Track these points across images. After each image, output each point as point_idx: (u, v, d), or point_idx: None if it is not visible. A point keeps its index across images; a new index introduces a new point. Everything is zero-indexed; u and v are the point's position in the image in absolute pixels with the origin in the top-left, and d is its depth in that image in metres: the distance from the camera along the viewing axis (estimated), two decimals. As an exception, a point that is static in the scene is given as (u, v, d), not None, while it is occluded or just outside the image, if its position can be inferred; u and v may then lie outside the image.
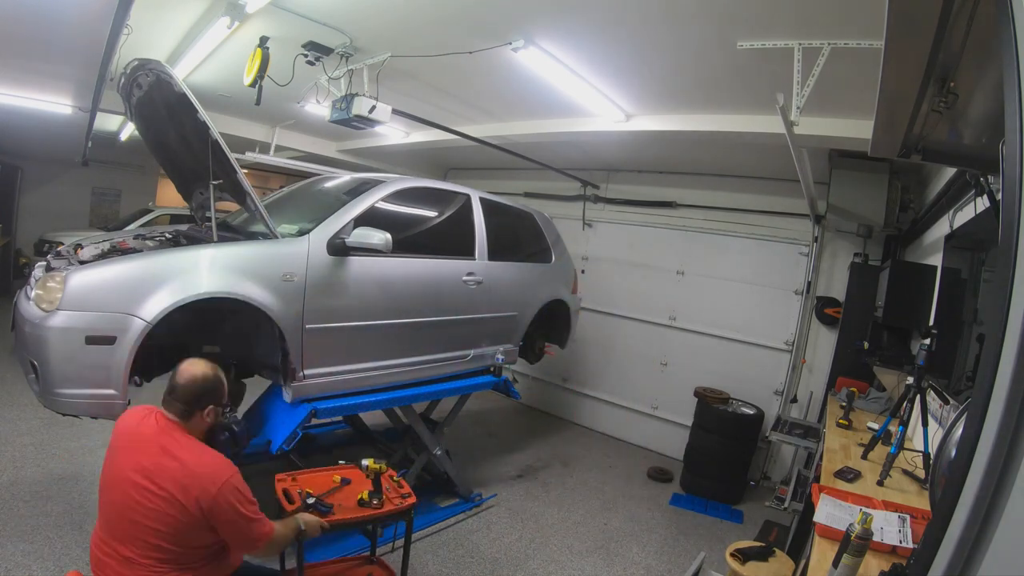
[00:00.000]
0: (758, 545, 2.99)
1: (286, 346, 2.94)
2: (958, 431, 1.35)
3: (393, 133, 6.38)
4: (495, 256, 4.21)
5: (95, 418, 2.60)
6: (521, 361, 5.08)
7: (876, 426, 3.10)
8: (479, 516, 4.18)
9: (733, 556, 2.87)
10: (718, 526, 4.63)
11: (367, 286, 3.31)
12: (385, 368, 3.49)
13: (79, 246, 3.25)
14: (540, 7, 2.98)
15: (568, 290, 5.24)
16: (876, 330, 4.45)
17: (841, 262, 5.33)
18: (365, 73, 3.91)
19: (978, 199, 2.54)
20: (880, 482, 2.49)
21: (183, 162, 3.49)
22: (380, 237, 3.08)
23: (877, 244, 5.08)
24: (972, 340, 2.86)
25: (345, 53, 3.77)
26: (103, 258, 2.74)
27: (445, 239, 4.07)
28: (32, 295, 2.47)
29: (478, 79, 4.17)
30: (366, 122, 3.94)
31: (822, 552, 1.84)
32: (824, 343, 5.35)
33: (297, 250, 2.97)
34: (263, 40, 3.56)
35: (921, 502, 2.27)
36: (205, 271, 2.62)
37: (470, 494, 4.31)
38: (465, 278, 3.95)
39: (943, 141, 1.91)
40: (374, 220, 3.28)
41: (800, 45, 2.77)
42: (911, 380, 2.69)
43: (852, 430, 3.41)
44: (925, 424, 2.56)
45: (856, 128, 3.36)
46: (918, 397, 2.62)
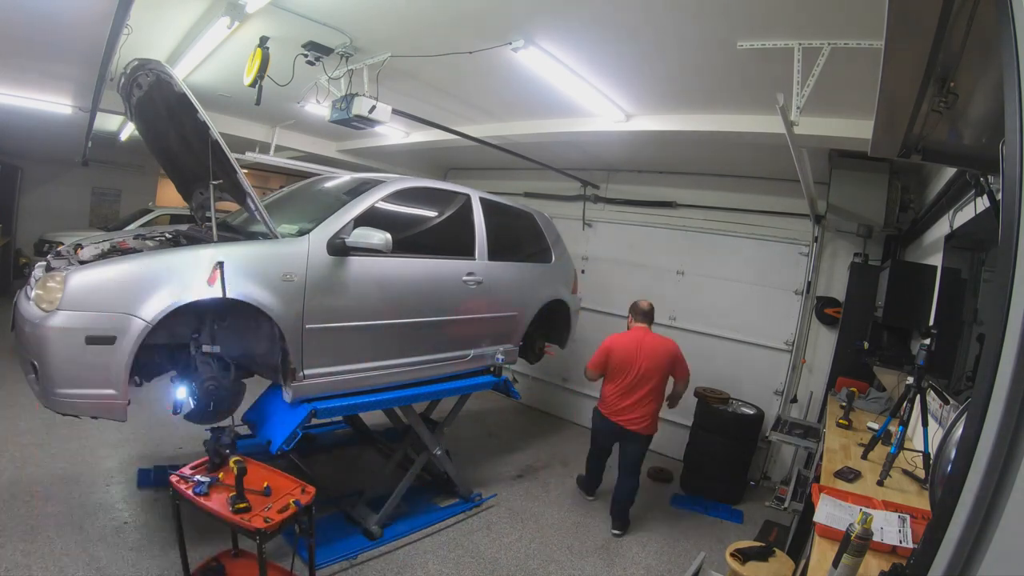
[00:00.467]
0: (758, 545, 2.99)
1: (286, 346, 2.94)
2: (958, 431, 1.35)
3: (393, 133, 6.38)
4: (495, 256, 4.21)
5: (95, 418, 2.60)
6: (521, 361, 5.08)
7: (876, 426, 3.10)
8: (479, 516, 4.18)
9: (733, 556, 2.87)
10: (718, 526, 4.63)
11: (367, 286, 3.30)
12: (385, 368, 3.49)
13: (79, 246, 3.24)
14: (540, 7, 2.97)
15: (568, 290, 5.24)
16: (876, 330, 4.45)
17: (841, 262, 5.33)
18: (365, 73, 3.91)
19: (978, 199, 2.54)
20: (880, 482, 2.49)
21: (183, 162, 3.48)
22: (380, 237, 3.07)
23: (877, 244, 5.08)
24: (972, 340, 2.86)
25: (345, 53, 3.77)
26: (103, 258, 2.74)
27: (445, 239, 4.06)
28: (32, 295, 2.47)
29: (478, 79, 4.16)
30: (366, 122, 3.94)
31: (822, 552, 1.84)
32: (824, 343, 5.34)
33: (297, 250, 2.96)
34: (263, 40, 3.56)
35: (921, 502, 2.27)
36: (205, 271, 2.62)
37: (470, 494, 4.31)
38: (465, 278, 3.94)
39: (943, 141, 1.91)
40: (374, 220, 3.28)
41: (800, 45, 2.77)
42: (911, 380, 2.69)
43: (852, 430, 3.41)
44: (925, 424, 2.57)
45: (856, 128, 3.36)
46: (918, 397, 2.62)
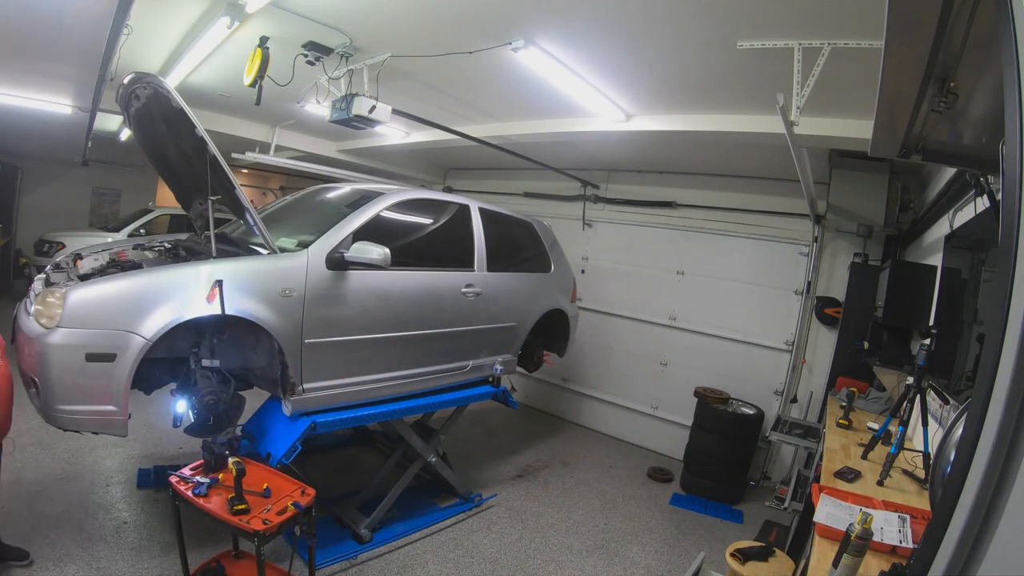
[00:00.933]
0: (758, 545, 2.99)
1: (285, 360, 2.94)
2: (958, 431, 1.35)
3: (393, 133, 6.38)
4: (494, 267, 4.21)
5: (96, 434, 2.61)
6: (519, 368, 5.08)
7: (876, 426, 3.10)
8: (479, 516, 4.18)
9: (733, 556, 2.87)
10: (718, 526, 4.63)
11: (366, 300, 3.30)
12: (384, 381, 3.49)
13: (78, 256, 3.24)
14: (540, 7, 2.97)
15: (567, 299, 5.24)
16: (876, 330, 4.45)
17: (841, 262, 5.33)
18: (365, 73, 3.91)
19: (978, 199, 2.54)
20: (880, 482, 2.48)
21: (182, 173, 3.49)
22: (379, 252, 3.07)
23: (877, 244, 5.08)
24: (972, 340, 2.86)
25: (345, 53, 3.77)
26: (102, 271, 2.74)
27: (444, 251, 4.06)
28: (32, 310, 2.47)
29: (478, 79, 4.16)
30: (366, 122, 3.94)
31: (822, 552, 1.84)
32: (824, 343, 5.34)
33: (296, 265, 2.96)
34: (263, 40, 3.56)
35: (921, 502, 2.27)
36: (204, 289, 2.62)
37: (470, 494, 4.31)
38: (464, 290, 3.94)
39: (943, 141, 1.91)
40: (373, 233, 3.28)
41: (800, 45, 2.77)
42: (911, 380, 2.69)
43: (852, 430, 3.41)
44: (925, 424, 2.56)
45: (856, 128, 3.36)
46: (918, 397, 2.62)
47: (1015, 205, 0.90)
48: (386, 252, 3.08)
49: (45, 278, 2.83)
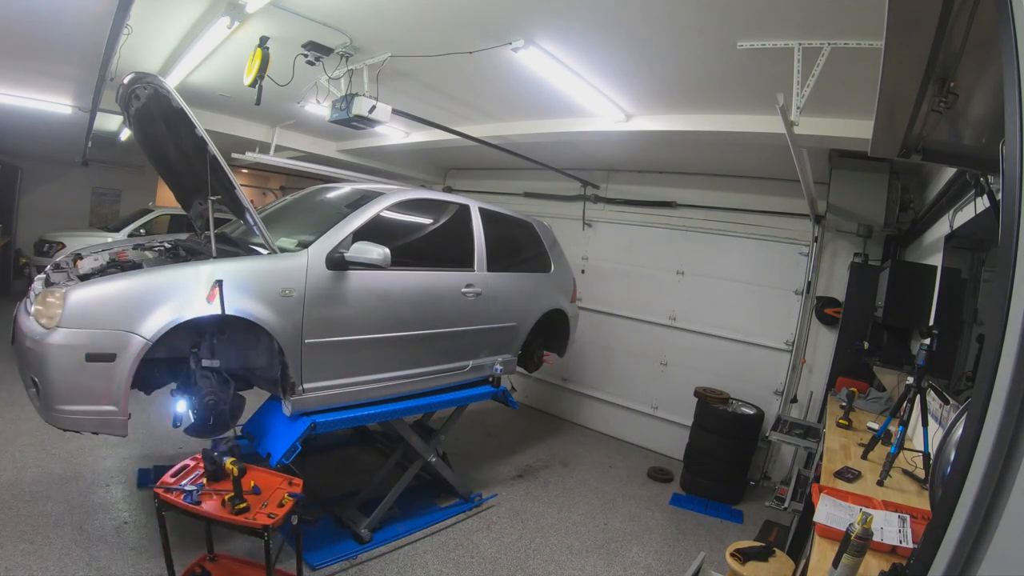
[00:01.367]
0: (758, 545, 2.99)
1: (285, 360, 2.94)
2: (958, 431, 1.35)
3: (393, 133, 6.38)
4: (494, 267, 4.21)
5: (96, 434, 2.61)
6: (519, 368, 5.08)
7: (876, 426, 3.10)
8: (479, 516, 4.18)
9: (733, 556, 2.87)
10: (718, 526, 4.63)
11: (366, 300, 3.30)
12: (384, 381, 3.49)
13: (78, 256, 3.24)
14: (540, 7, 2.97)
15: (567, 299, 5.24)
16: (876, 330, 4.45)
17: (841, 262, 5.33)
18: (365, 73, 3.91)
19: (978, 199, 2.54)
20: (880, 482, 2.48)
21: (182, 172, 3.48)
22: (379, 252, 3.07)
23: (877, 244, 5.08)
24: (972, 340, 2.86)
25: (345, 53, 3.77)
26: (102, 272, 2.74)
27: (444, 251, 4.06)
28: (32, 310, 2.46)
29: (478, 79, 4.16)
30: (366, 122, 3.94)
31: (822, 552, 1.84)
32: (824, 343, 5.34)
33: (296, 265, 2.96)
34: (263, 40, 3.56)
35: (921, 502, 2.27)
36: (204, 289, 2.61)
37: (470, 494, 4.31)
38: (464, 290, 3.94)
39: (943, 141, 1.91)
40: (373, 233, 3.28)
41: (800, 45, 2.77)
42: (911, 380, 2.69)
43: (852, 430, 3.41)
44: (925, 424, 2.56)
45: (856, 128, 3.36)
46: (918, 397, 2.62)
47: (1015, 205, 0.90)
48: (386, 252, 3.08)
49: (45, 278, 2.82)
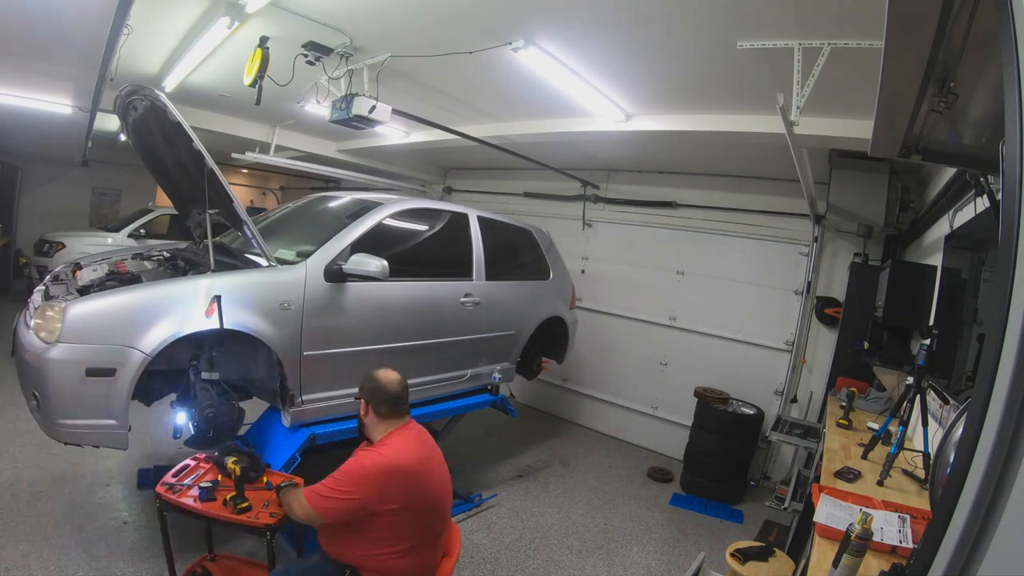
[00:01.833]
0: (758, 545, 2.99)
1: (284, 372, 2.94)
2: (958, 431, 1.36)
3: (393, 133, 6.38)
4: (492, 275, 4.21)
5: (97, 447, 2.61)
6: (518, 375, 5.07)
7: (876, 426, 3.10)
8: (479, 516, 4.18)
9: (733, 556, 2.87)
10: (718, 526, 4.63)
11: (364, 312, 3.30)
12: None
13: (77, 266, 3.23)
14: (540, 7, 2.97)
15: (565, 306, 5.23)
16: (876, 330, 4.45)
17: (841, 262, 5.33)
18: (365, 73, 3.91)
19: (978, 199, 2.54)
20: (880, 482, 2.49)
21: (180, 183, 3.48)
22: (376, 264, 3.06)
23: (877, 244, 5.07)
24: (972, 340, 2.86)
25: (345, 53, 3.77)
26: (101, 284, 2.74)
27: (442, 260, 4.06)
28: (31, 324, 2.46)
29: (478, 79, 4.16)
30: (366, 122, 3.94)
31: (822, 552, 1.84)
32: (824, 343, 5.34)
33: (294, 277, 2.96)
34: (263, 40, 3.56)
35: (921, 502, 2.27)
36: (203, 303, 2.61)
37: (470, 495, 4.31)
38: (463, 299, 3.94)
39: (943, 141, 1.91)
40: (371, 243, 3.28)
41: (800, 45, 2.77)
42: (911, 380, 2.69)
43: (852, 430, 3.41)
44: (925, 424, 2.56)
45: (856, 128, 3.36)
46: (918, 397, 2.62)
47: (1015, 205, 0.90)
48: (384, 264, 3.08)
49: (44, 291, 2.81)
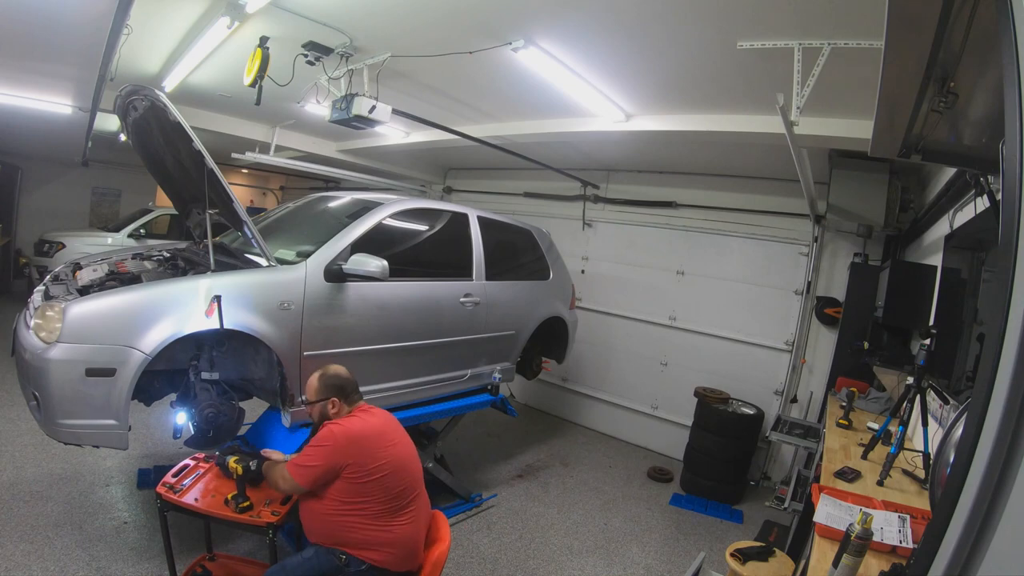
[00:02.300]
0: (758, 545, 2.99)
1: (284, 372, 2.94)
2: (958, 431, 1.36)
3: (393, 133, 6.38)
4: (492, 275, 4.21)
5: (97, 447, 2.60)
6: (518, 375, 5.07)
7: (876, 426, 3.10)
8: (479, 516, 4.18)
9: (733, 556, 2.87)
10: (718, 526, 4.63)
11: (364, 312, 3.30)
12: (383, 391, 3.49)
13: (77, 267, 3.22)
14: (540, 7, 2.97)
15: (565, 306, 5.23)
16: (876, 330, 4.45)
17: (841, 262, 5.33)
18: (365, 73, 3.91)
19: (978, 199, 2.54)
20: (880, 482, 2.49)
21: (180, 182, 3.48)
22: (376, 264, 3.06)
23: (877, 244, 5.07)
24: (972, 340, 2.86)
25: (345, 53, 3.77)
26: (101, 284, 2.73)
27: (443, 260, 4.06)
28: (31, 324, 2.46)
29: (478, 79, 4.16)
30: (366, 122, 3.93)
31: (822, 552, 1.84)
32: (824, 343, 5.34)
33: (294, 277, 2.96)
34: (263, 40, 3.56)
35: (921, 502, 2.27)
36: (203, 303, 2.61)
37: (470, 495, 4.31)
38: (462, 299, 3.93)
39: (943, 141, 1.91)
40: (371, 243, 3.28)
41: (800, 45, 2.77)
42: (911, 380, 2.69)
43: (852, 430, 3.41)
44: (925, 424, 2.57)
45: (856, 128, 3.36)
46: (918, 397, 2.62)
47: (1015, 205, 0.90)
48: (384, 264, 3.07)
49: (44, 291, 2.81)
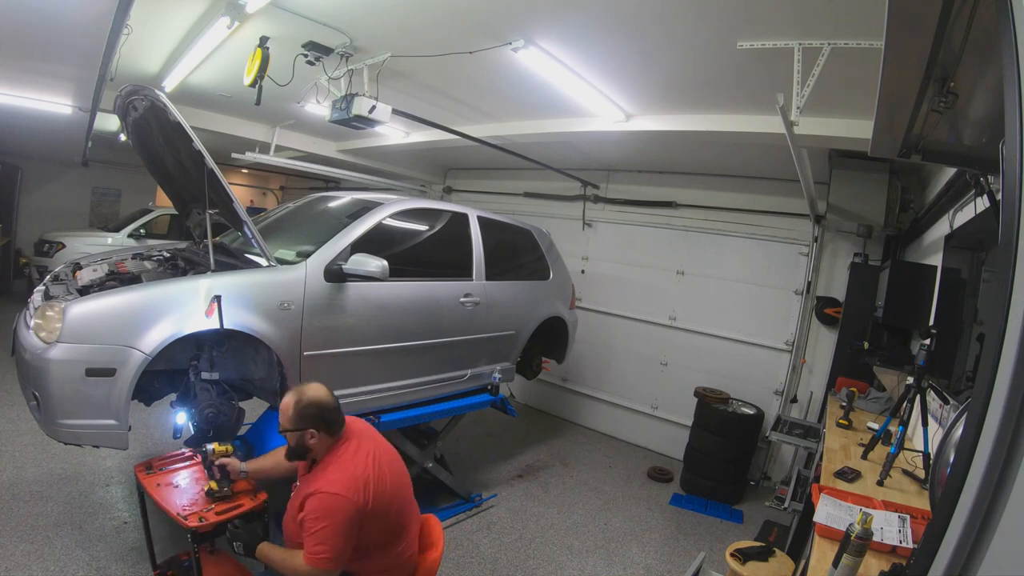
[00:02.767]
0: (758, 545, 2.99)
1: (284, 372, 2.94)
2: (958, 431, 1.36)
3: (393, 133, 6.38)
4: (492, 275, 4.21)
5: (97, 447, 2.60)
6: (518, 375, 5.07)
7: (876, 426, 3.10)
8: (479, 516, 4.19)
9: (733, 556, 2.87)
10: (718, 526, 4.63)
11: (364, 312, 3.30)
12: (383, 391, 3.49)
13: (77, 267, 3.22)
14: (540, 7, 2.97)
15: (565, 306, 5.23)
16: (876, 330, 4.45)
17: (841, 262, 5.33)
18: (365, 73, 3.91)
19: (978, 199, 2.54)
20: (880, 482, 2.49)
21: (179, 182, 3.48)
22: (376, 264, 3.06)
23: (877, 244, 5.07)
24: (972, 340, 2.86)
25: (345, 53, 3.77)
26: (101, 284, 2.73)
27: (443, 260, 4.06)
28: (31, 324, 2.46)
29: (478, 79, 4.16)
30: (366, 122, 3.93)
31: (822, 552, 1.84)
32: (824, 343, 5.34)
33: (294, 277, 2.96)
34: (263, 40, 3.56)
35: (921, 502, 2.27)
36: (203, 303, 2.61)
37: (470, 495, 4.31)
38: (463, 299, 3.93)
39: (943, 141, 1.91)
40: (371, 243, 3.28)
41: (800, 45, 2.77)
42: (911, 380, 2.69)
43: (852, 430, 3.41)
44: (925, 424, 2.57)
45: (856, 128, 3.36)
46: (918, 397, 2.62)
47: (1015, 205, 0.90)
48: (384, 264, 3.08)
49: (44, 291, 2.81)
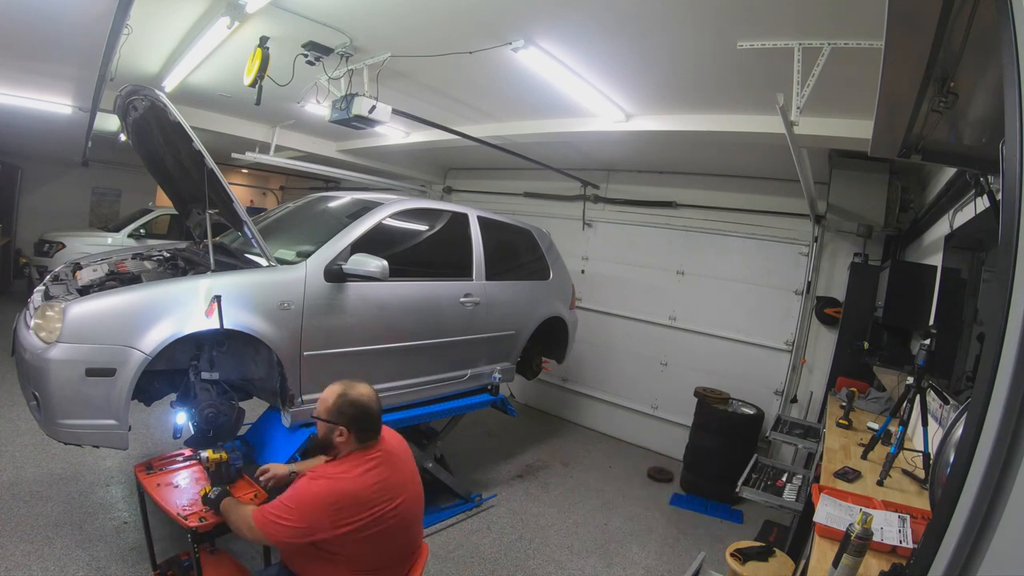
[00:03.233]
0: (758, 545, 2.99)
1: (284, 371, 2.94)
2: (958, 431, 1.36)
3: (393, 133, 6.38)
4: (492, 275, 4.21)
5: (97, 447, 2.61)
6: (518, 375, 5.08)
7: (876, 426, 3.10)
8: (479, 516, 4.18)
9: (733, 556, 2.87)
10: (718, 526, 4.63)
11: (365, 312, 3.30)
12: (383, 391, 3.44)
13: (77, 267, 3.22)
14: (540, 7, 2.97)
15: (565, 306, 5.23)
16: (876, 330, 4.45)
17: (841, 262, 5.33)
18: (365, 73, 3.91)
19: (978, 199, 2.54)
20: (880, 482, 2.49)
21: (179, 182, 3.48)
22: (376, 264, 3.06)
23: (877, 244, 5.07)
24: (972, 340, 2.86)
25: (345, 53, 3.77)
26: (102, 284, 2.73)
27: (443, 260, 4.06)
28: (31, 324, 2.46)
29: (478, 79, 4.16)
30: (366, 122, 3.93)
31: (822, 552, 1.84)
32: (824, 343, 5.34)
33: (294, 277, 2.96)
34: (263, 40, 3.56)
35: (921, 502, 2.27)
36: (203, 303, 2.61)
37: (470, 495, 4.31)
38: (463, 299, 3.93)
39: (943, 141, 1.91)
40: (372, 243, 3.28)
41: (800, 45, 2.77)
42: (911, 380, 2.69)
43: (852, 430, 3.41)
44: (925, 424, 2.56)
45: (856, 128, 3.36)
46: (918, 397, 2.62)
47: (1015, 205, 0.90)
48: (384, 264, 3.08)
49: (44, 291, 2.81)
